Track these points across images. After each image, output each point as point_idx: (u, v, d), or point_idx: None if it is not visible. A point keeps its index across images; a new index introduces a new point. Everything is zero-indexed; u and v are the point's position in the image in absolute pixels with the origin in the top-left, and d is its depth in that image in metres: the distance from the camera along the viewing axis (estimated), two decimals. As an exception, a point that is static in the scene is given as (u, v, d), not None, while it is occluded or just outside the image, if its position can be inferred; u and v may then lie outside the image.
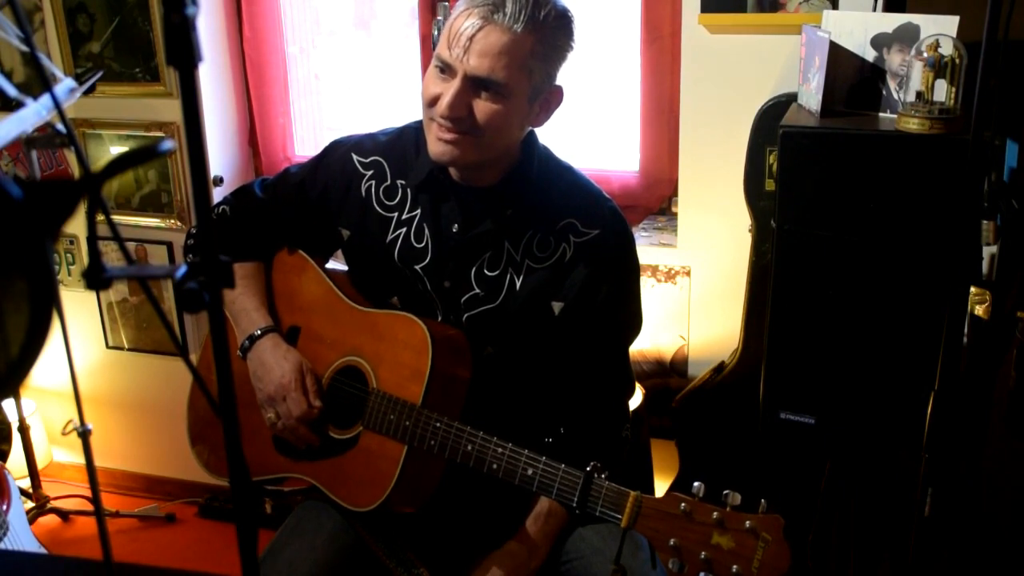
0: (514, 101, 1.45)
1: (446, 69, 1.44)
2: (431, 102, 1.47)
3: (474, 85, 1.43)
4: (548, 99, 1.52)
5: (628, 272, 1.64)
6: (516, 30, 1.39)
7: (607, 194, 1.63)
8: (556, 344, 1.58)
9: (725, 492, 1.27)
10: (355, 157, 1.65)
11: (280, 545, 1.58)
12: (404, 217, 1.60)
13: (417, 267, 1.58)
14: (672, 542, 1.27)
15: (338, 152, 1.68)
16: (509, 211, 1.55)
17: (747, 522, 1.25)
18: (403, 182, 1.61)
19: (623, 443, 1.62)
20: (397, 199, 1.61)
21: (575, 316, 1.56)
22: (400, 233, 1.60)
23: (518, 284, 1.55)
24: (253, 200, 1.72)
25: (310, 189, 1.67)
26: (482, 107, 1.43)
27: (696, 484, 1.30)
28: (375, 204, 1.62)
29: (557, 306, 1.55)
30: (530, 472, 1.40)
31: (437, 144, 1.48)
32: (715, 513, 1.26)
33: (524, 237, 1.55)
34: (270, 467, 1.65)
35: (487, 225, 1.55)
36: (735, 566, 1.25)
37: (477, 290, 1.56)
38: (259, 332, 1.63)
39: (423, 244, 1.58)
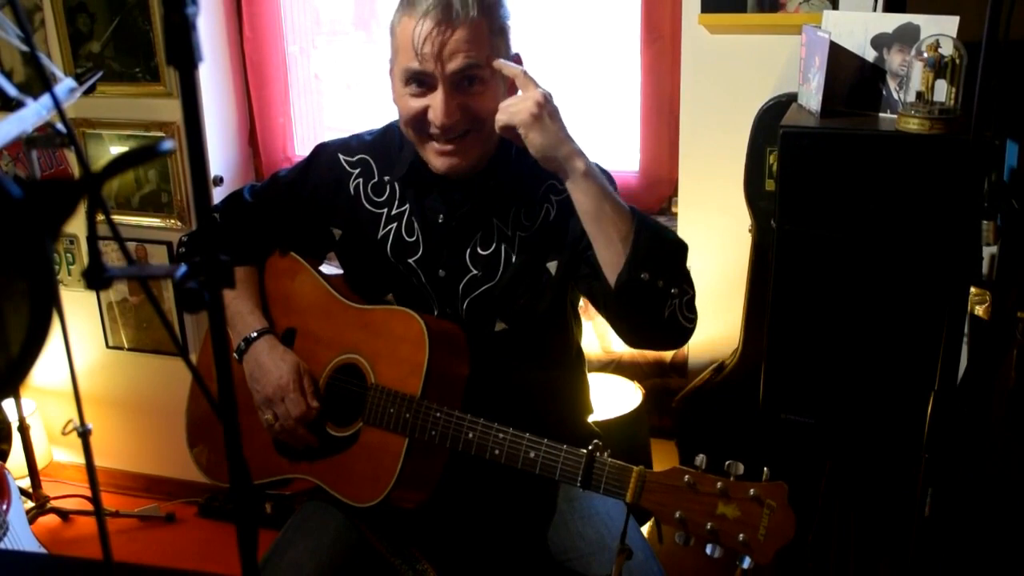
0: (495, 81, 1.48)
1: (423, 82, 1.46)
2: (417, 118, 1.48)
3: (457, 82, 1.45)
4: None
5: None
6: (473, 16, 1.43)
7: None
8: (587, 289, 1.54)
9: (728, 462, 1.28)
10: (342, 157, 1.67)
11: (284, 545, 1.58)
12: (394, 213, 1.61)
13: (410, 260, 1.59)
14: (677, 515, 1.27)
15: (325, 154, 1.70)
16: (491, 183, 1.55)
17: (751, 490, 1.25)
18: (389, 178, 1.62)
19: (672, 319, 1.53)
20: (386, 195, 1.62)
21: (577, 261, 1.53)
22: (391, 228, 1.61)
23: (514, 257, 1.56)
24: (242, 205, 1.74)
25: (300, 190, 1.69)
26: (473, 99, 1.46)
27: (699, 456, 1.30)
28: (364, 201, 1.63)
29: (552, 266, 1.56)
30: (532, 455, 1.40)
31: (441, 159, 1.49)
32: (719, 483, 1.27)
33: (511, 212, 1.56)
34: (271, 469, 1.65)
35: (470, 207, 1.56)
36: (741, 535, 1.25)
37: (474, 271, 1.56)
38: (255, 334, 1.63)
39: (414, 238, 1.59)
